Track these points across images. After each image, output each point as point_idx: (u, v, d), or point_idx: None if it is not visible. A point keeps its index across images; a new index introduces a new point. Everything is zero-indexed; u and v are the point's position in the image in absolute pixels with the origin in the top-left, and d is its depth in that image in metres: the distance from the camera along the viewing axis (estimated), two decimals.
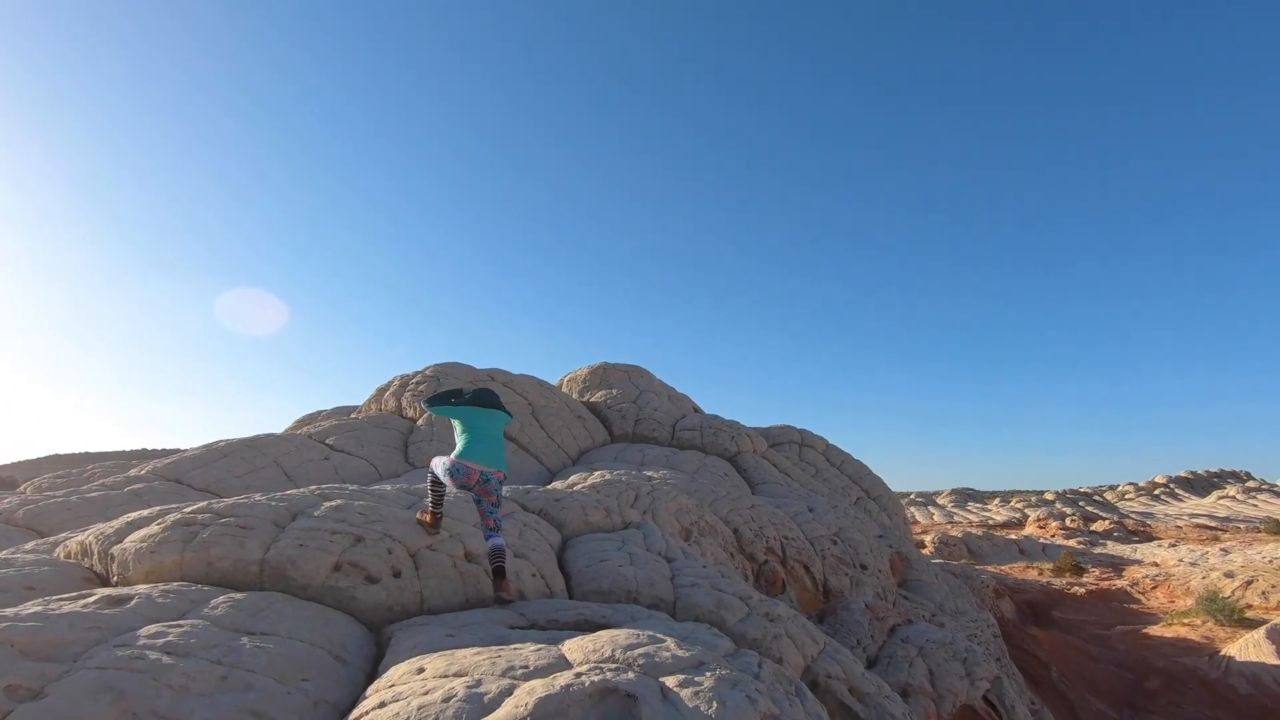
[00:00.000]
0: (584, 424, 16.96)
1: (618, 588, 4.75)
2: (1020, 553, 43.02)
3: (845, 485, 18.14)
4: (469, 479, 4.75)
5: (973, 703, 7.24)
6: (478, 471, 4.75)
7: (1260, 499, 73.29)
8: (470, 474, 4.73)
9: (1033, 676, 15.58)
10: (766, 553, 9.88)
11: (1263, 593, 24.92)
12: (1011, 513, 72.07)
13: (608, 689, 2.43)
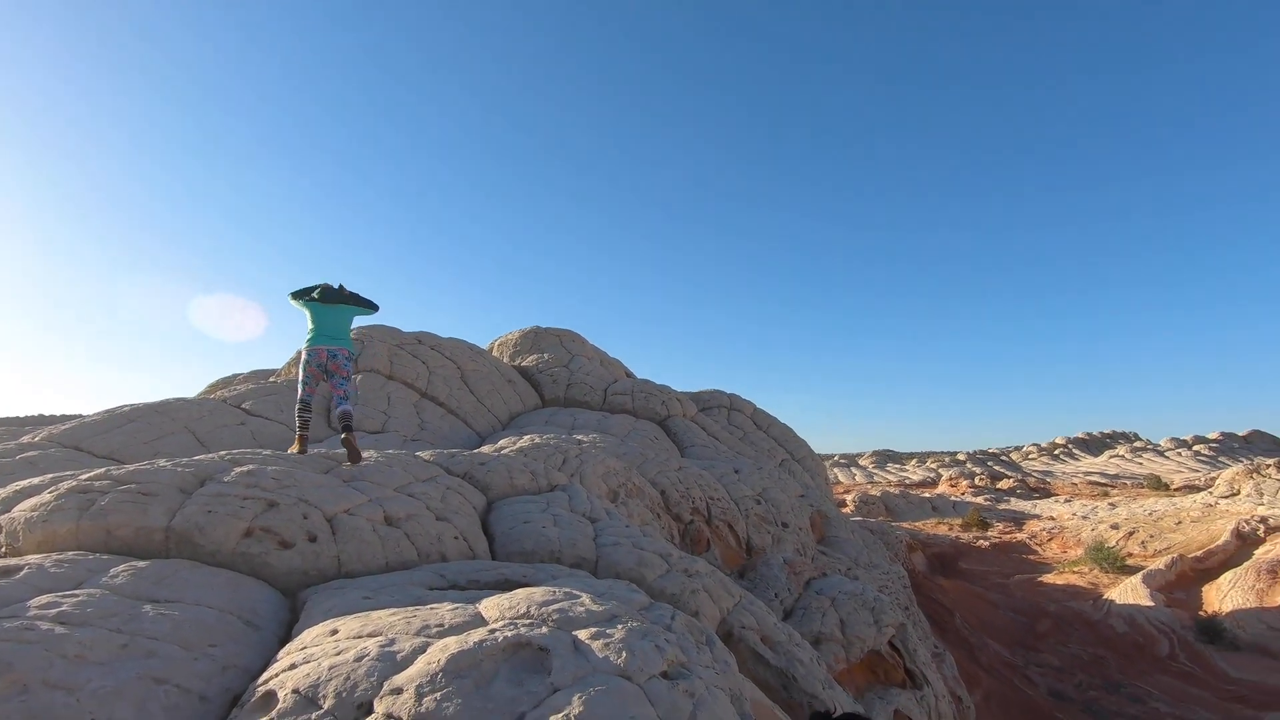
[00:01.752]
0: (514, 388, 16.84)
1: (541, 548, 4.82)
2: (933, 510, 45.66)
3: (771, 448, 18.74)
4: (319, 358, 6.08)
5: (879, 648, 7.73)
6: (325, 350, 6.09)
7: (1145, 458, 79.85)
8: (319, 354, 6.07)
9: (938, 622, 16.71)
10: (692, 513, 10.16)
11: (1142, 542, 27.33)
12: (927, 472, 76.15)
13: (521, 643, 2.50)
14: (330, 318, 6.27)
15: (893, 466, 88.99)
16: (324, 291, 6.29)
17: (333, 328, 6.26)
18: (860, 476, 79.76)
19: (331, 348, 6.16)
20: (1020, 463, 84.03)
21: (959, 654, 14.87)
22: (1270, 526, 24.58)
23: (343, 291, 6.39)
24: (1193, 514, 29.09)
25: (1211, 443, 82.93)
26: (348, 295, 6.39)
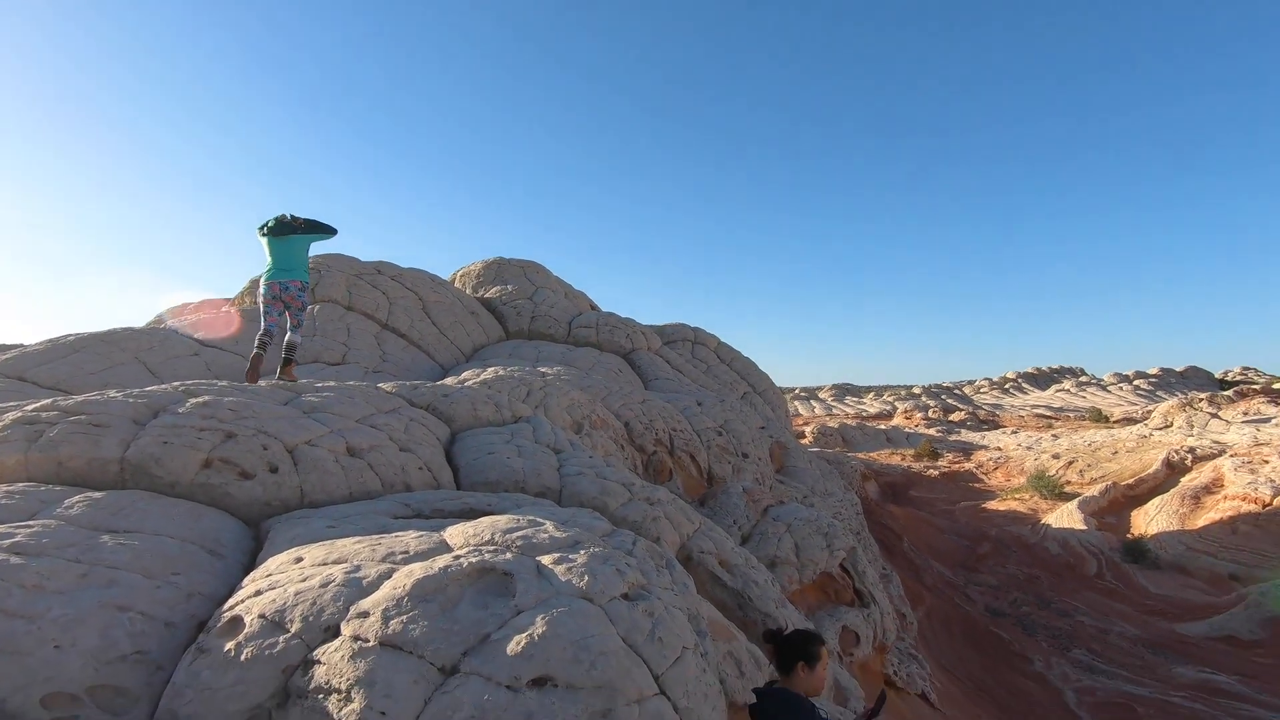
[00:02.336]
0: (478, 320, 16.66)
1: (505, 478, 4.89)
2: (888, 441, 47.35)
3: (734, 381, 19.05)
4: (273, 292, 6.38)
5: (830, 570, 8.14)
6: (278, 284, 6.36)
7: (1089, 392, 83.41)
8: (273, 288, 6.36)
9: (887, 546, 17.61)
10: (655, 444, 10.37)
11: (1080, 471, 28.87)
12: (884, 405, 78.54)
13: (485, 569, 2.56)
14: (283, 250, 6.41)
15: (851, 400, 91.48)
16: (276, 224, 6.39)
17: (286, 260, 6.41)
18: (820, 409, 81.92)
19: (284, 281, 6.38)
20: (972, 396, 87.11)
21: (905, 575, 15.76)
22: (1198, 456, 26.15)
23: (295, 221, 6.43)
24: (1128, 445, 30.73)
25: (1151, 378, 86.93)
26: (300, 224, 6.43)
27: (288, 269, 6.40)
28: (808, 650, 2.93)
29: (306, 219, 6.49)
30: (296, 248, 6.46)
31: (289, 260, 6.41)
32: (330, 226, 6.63)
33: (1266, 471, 21.62)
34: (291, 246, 6.42)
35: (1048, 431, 47.16)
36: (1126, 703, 11.39)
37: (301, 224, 6.43)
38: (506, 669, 2.08)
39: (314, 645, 2.21)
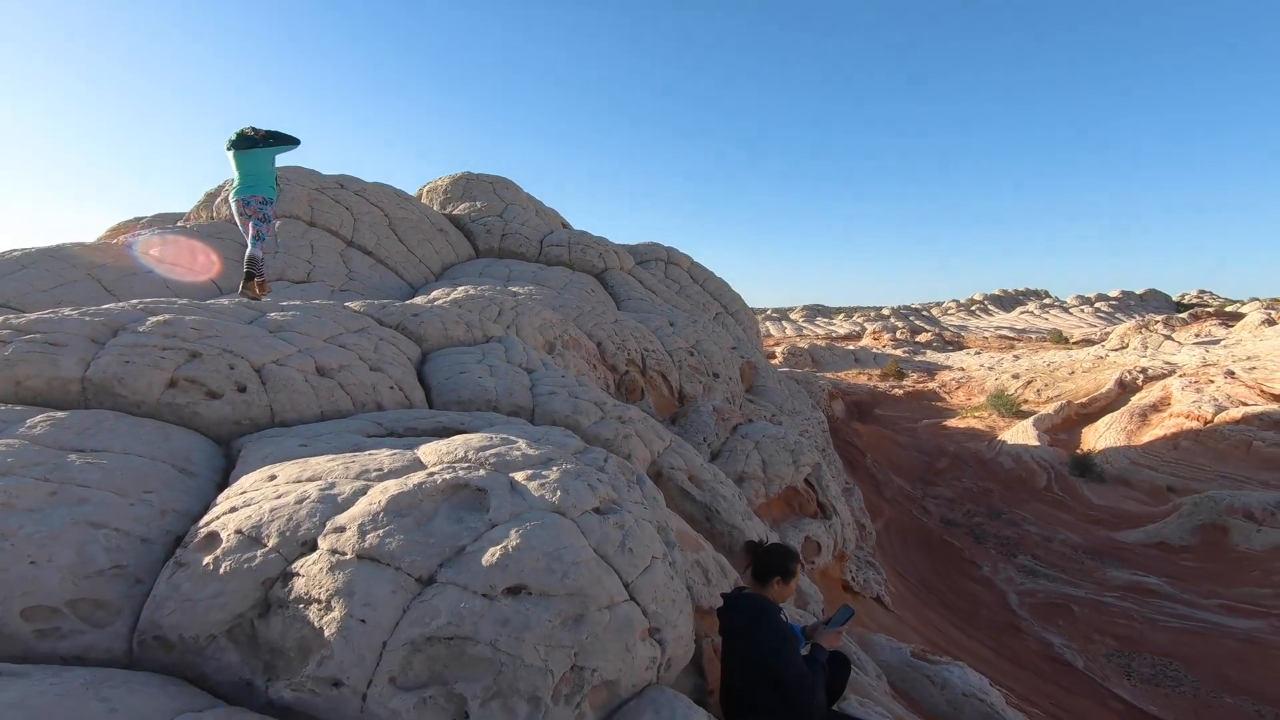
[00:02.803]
0: (446, 238, 16.27)
1: (478, 397, 4.92)
2: (855, 361, 48.29)
3: (706, 301, 19.07)
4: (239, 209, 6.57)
5: (796, 484, 8.45)
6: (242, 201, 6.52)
7: (1052, 314, 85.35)
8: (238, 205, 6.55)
9: (851, 462, 18.28)
10: (628, 364, 10.44)
11: (1037, 390, 29.89)
12: (853, 326, 79.59)
13: (459, 485, 2.62)
14: (247, 165, 6.50)
15: (822, 321, 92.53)
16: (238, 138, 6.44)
17: (251, 175, 6.53)
18: (791, 330, 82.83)
19: (247, 197, 6.52)
20: (940, 318, 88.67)
21: (867, 489, 16.44)
22: (1149, 376, 27.21)
23: (256, 133, 6.45)
24: (1085, 365, 31.80)
25: (1112, 300, 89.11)
26: (262, 135, 6.47)
27: (254, 184, 6.51)
28: (786, 566, 3.07)
29: (268, 130, 6.49)
30: (260, 161, 6.52)
31: (256, 175, 6.51)
32: (292, 137, 6.65)
33: (1211, 391, 22.65)
34: (256, 160, 6.48)
35: (1010, 352, 48.50)
36: (1064, 603, 12.27)
37: (263, 135, 6.44)
38: (482, 579, 2.16)
39: (292, 559, 2.26)
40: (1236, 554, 13.52)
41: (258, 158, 6.49)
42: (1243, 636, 10.66)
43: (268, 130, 6.48)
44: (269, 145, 6.50)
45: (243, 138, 6.41)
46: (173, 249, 11.35)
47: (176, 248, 11.44)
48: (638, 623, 2.36)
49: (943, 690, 5.39)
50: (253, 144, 6.41)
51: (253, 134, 6.42)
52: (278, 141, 6.55)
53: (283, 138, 6.59)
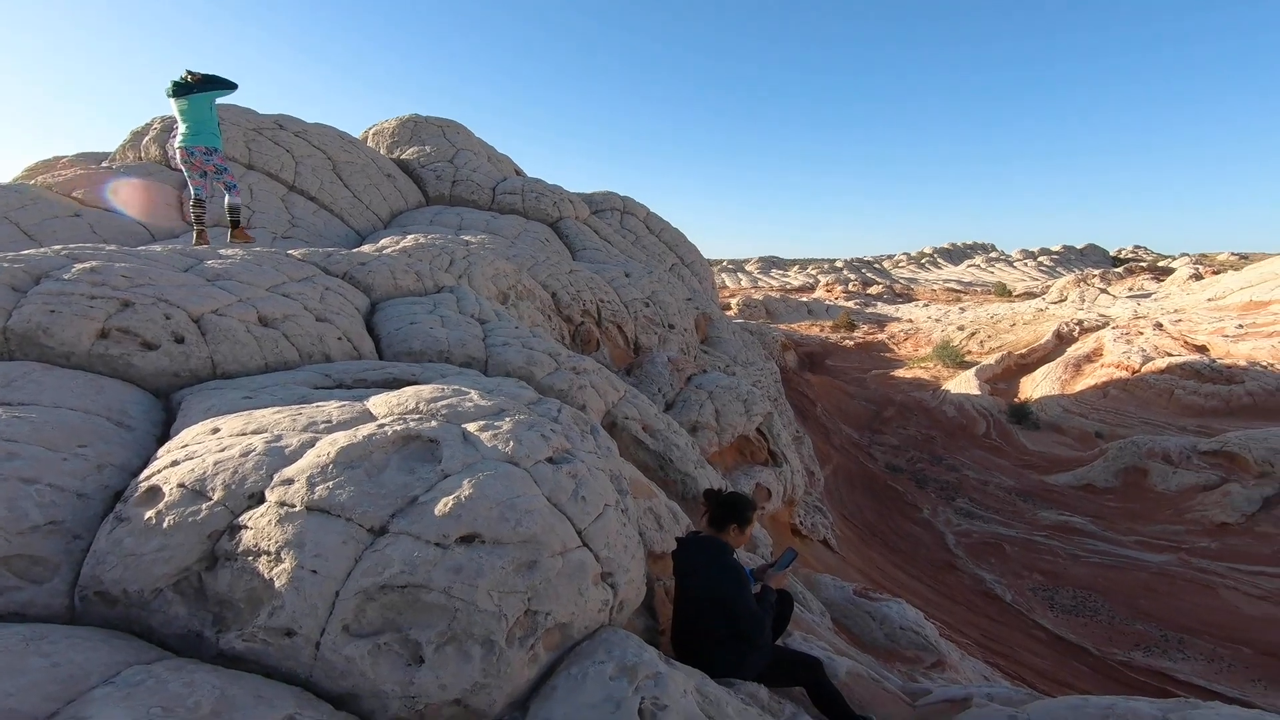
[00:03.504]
0: (394, 183, 15.70)
1: (429, 348, 4.84)
2: (809, 313, 49.06)
3: (662, 252, 19.00)
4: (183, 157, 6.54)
5: (748, 433, 8.65)
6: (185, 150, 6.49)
7: (998, 267, 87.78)
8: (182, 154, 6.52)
9: (802, 411, 18.75)
10: (583, 315, 10.40)
11: (980, 341, 30.93)
12: (807, 278, 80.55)
13: (410, 436, 2.60)
14: (186, 111, 6.47)
15: (776, 272, 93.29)
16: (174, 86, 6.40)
17: (192, 122, 6.50)
18: (746, 281, 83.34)
19: (191, 146, 6.52)
20: (891, 270, 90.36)
21: (817, 437, 16.94)
22: (1085, 328, 28.40)
23: (191, 78, 6.42)
24: (1025, 318, 32.97)
25: (1054, 254, 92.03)
26: (197, 79, 6.43)
27: (196, 132, 6.51)
28: (743, 514, 3.16)
29: (203, 74, 6.46)
30: (198, 107, 6.48)
31: (197, 122, 6.50)
32: (228, 80, 6.65)
33: (1140, 342, 23.81)
34: (194, 106, 6.46)
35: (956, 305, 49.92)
36: (997, 542, 13.01)
37: (198, 79, 6.41)
38: (435, 528, 2.17)
39: (238, 512, 2.22)
40: (1154, 494, 14.48)
41: (196, 103, 6.44)
42: (1155, 570, 11.51)
43: (203, 74, 6.44)
44: (205, 89, 6.46)
45: (179, 85, 6.38)
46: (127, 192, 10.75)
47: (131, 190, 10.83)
48: (590, 568, 2.41)
49: (882, 625, 5.70)
50: (188, 89, 6.36)
51: (189, 79, 6.38)
52: (213, 85, 6.50)
53: (218, 81, 6.53)
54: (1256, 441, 13.89)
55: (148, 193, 10.81)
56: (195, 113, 6.48)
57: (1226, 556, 11.64)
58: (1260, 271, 35.21)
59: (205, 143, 6.55)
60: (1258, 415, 18.04)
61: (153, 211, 10.49)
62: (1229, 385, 19.33)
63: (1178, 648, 9.30)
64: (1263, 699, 7.84)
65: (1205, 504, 13.37)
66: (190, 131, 6.51)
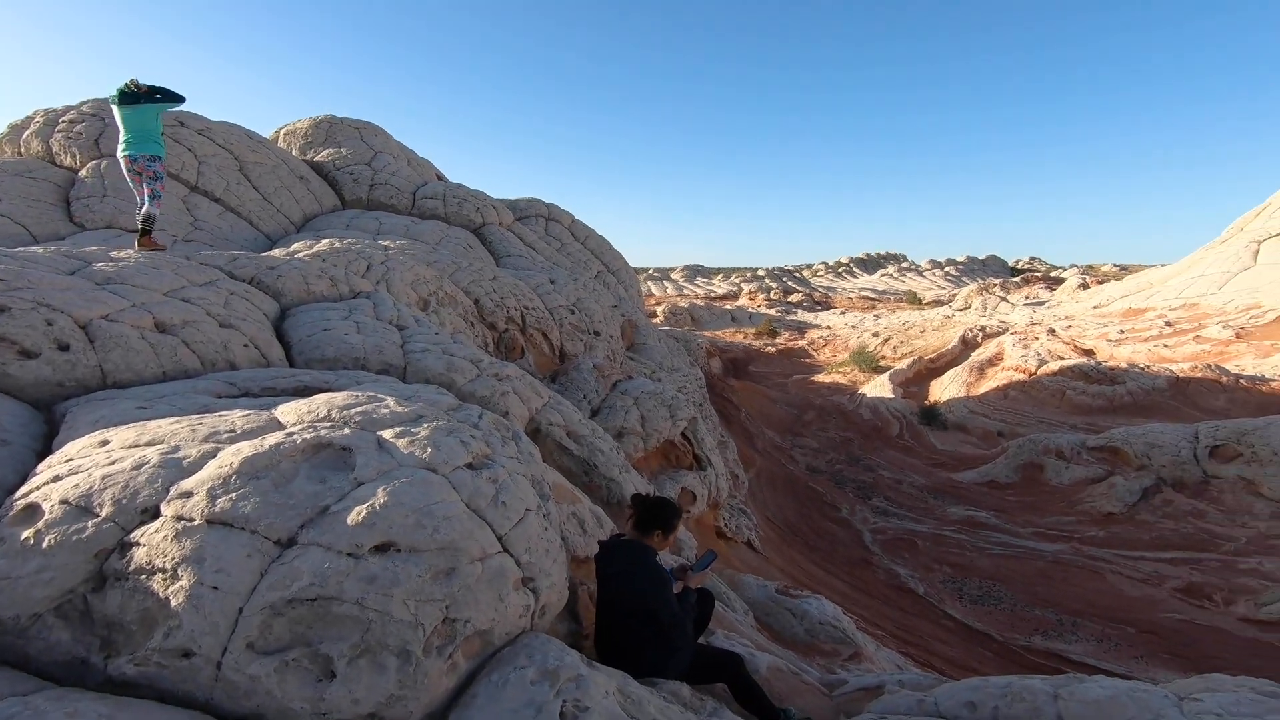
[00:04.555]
0: (308, 186, 15.09)
1: (344, 355, 4.68)
2: (733, 320, 50.08)
3: (588, 260, 19.00)
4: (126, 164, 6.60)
5: (673, 438, 8.75)
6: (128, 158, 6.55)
7: (909, 277, 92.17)
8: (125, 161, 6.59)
9: (727, 416, 19.10)
10: (507, 322, 10.28)
11: (894, 347, 32.36)
12: (731, 286, 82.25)
13: (322, 444, 2.51)
14: (132, 120, 6.50)
15: (701, 281, 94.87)
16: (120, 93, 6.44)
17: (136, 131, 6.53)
18: (671, 289, 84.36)
19: (135, 154, 6.54)
20: (810, 279, 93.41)
21: (741, 441, 17.29)
22: (987, 334, 30.17)
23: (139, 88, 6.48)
24: (934, 324, 34.74)
25: (960, 264, 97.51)
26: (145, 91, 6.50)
27: (140, 140, 6.54)
28: (669, 520, 3.19)
29: (151, 86, 6.55)
30: (145, 116, 6.55)
31: (141, 131, 6.54)
32: (178, 94, 6.73)
33: (1036, 347, 25.50)
34: (140, 116, 6.52)
35: (871, 312, 52.10)
36: (909, 537, 13.62)
37: (146, 91, 6.49)
38: (347, 538, 2.11)
39: (130, 528, 2.09)
40: (1049, 488, 15.51)
41: (142, 114, 6.51)
42: (1050, 559, 12.32)
43: (151, 86, 6.55)
44: (154, 101, 6.55)
45: (125, 93, 6.42)
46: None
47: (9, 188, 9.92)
48: (511, 573, 2.39)
49: (802, 620, 5.87)
50: (136, 99, 6.44)
51: (135, 89, 6.44)
52: (165, 98, 6.62)
53: (169, 94, 6.64)
54: (1136, 437, 15.10)
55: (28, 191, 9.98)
56: (141, 122, 6.54)
57: (1112, 544, 12.58)
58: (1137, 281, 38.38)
59: (150, 150, 6.60)
60: (1137, 412, 19.63)
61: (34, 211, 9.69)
62: (1112, 385, 20.96)
63: (1071, 630, 9.97)
64: (1142, 672, 8.51)
65: (1093, 495, 14.43)
66: (135, 139, 6.54)
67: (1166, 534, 12.40)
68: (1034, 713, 3.01)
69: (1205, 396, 19.64)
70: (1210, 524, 12.36)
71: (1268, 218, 33.83)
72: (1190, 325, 27.25)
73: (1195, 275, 33.33)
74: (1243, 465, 13.05)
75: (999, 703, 3.13)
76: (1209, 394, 19.68)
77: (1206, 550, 11.66)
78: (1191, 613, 10.07)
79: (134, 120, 6.52)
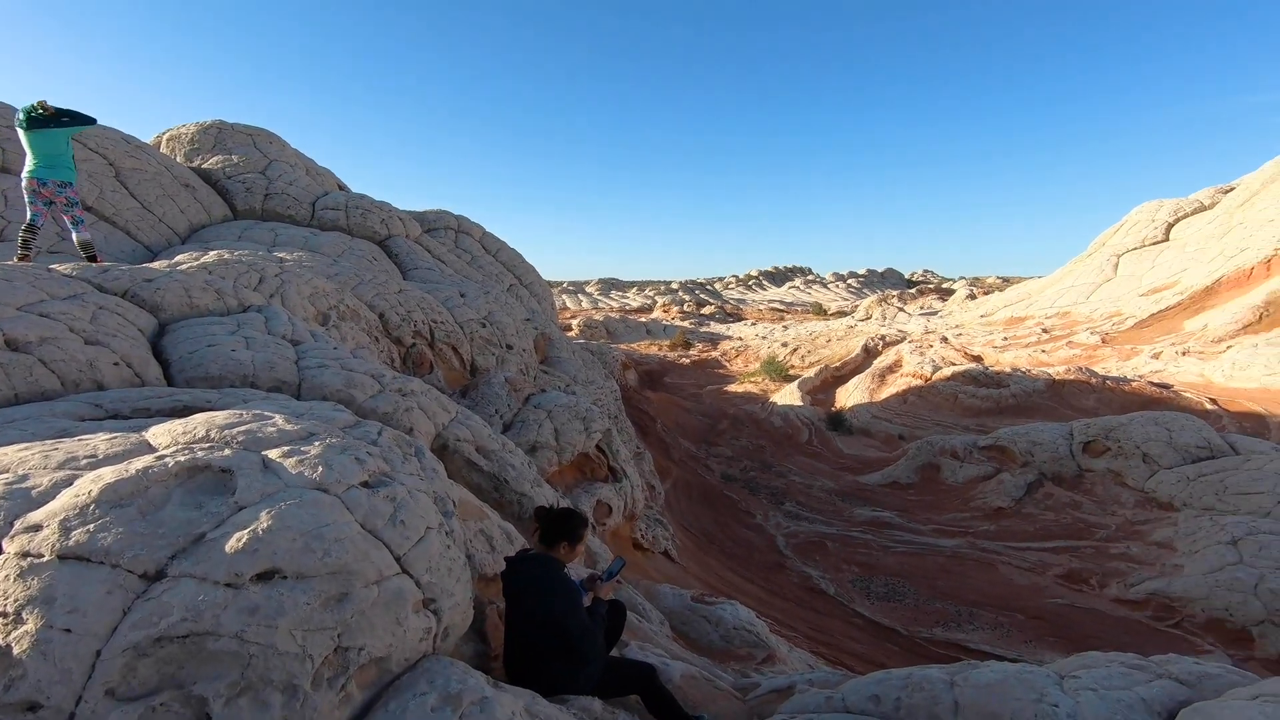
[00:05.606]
0: (195, 195, 14.12)
1: (231, 372, 4.38)
2: (647, 333, 50.54)
3: (500, 273, 18.70)
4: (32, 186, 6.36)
5: (588, 451, 8.69)
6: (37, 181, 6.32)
7: (814, 289, 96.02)
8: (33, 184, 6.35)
9: (642, 428, 19.18)
10: (414, 336, 9.95)
11: (802, 356, 33.52)
12: (645, 299, 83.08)
13: (197, 467, 2.32)
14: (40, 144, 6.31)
15: (616, 294, 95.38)
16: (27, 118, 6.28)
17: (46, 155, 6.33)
18: (586, 303, 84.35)
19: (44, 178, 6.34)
20: (722, 291, 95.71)
21: (657, 452, 17.40)
22: (887, 342, 31.75)
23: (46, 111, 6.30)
24: (839, 334, 36.28)
25: (861, 277, 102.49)
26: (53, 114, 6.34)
27: (50, 165, 6.35)
28: (573, 532, 3.13)
29: (59, 109, 6.37)
30: (55, 141, 6.37)
31: (50, 155, 6.35)
32: (88, 117, 6.62)
33: (930, 354, 27.07)
34: (50, 140, 6.33)
35: (780, 323, 53.88)
36: (820, 540, 14.07)
37: (54, 114, 6.33)
38: (225, 567, 1.95)
39: None
40: (946, 487, 16.42)
41: (53, 138, 6.34)
42: (949, 553, 13.02)
43: (60, 108, 6.37)
44: (63, 125, 6.40)
45: (34, 117, 6.26)
46: None
47: None
48: (410, 595, 2.28)
49: (717, 627, 5.93)
50: (45, 123, 6.29)
51: (44, 112, 6.28)
52: (73, 121, 6.48)
53: (79, 117, 6.51)
54: (1020, 436, 16.25)
55: None
56: (51, 146, 6.35)
57: (1002, 537, 13.45)
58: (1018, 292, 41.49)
59: (61, 177, 6.44)
60: (1020, 413, 21.14)
61: None
62: (998, 389, 22.49)
63: (969, 620, 10.55)
64: (1031, 655, 9.10)
65: (985, 492, 15.39)
66: (44, 164, 6.34)
67: (1049, 525, 13.37)
68: (933, 700, 3.15)
69: (1078, 397, 21.38)
70: (1085, 514, 13.42)
71: (1125, 233, 37.47)
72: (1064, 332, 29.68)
73: (1066, 286, 36.39)
74: (1110, 459, 14.27)
75: (901, 694, 3.25)
76: (1081, 394, 21.43)
77: (1083, 538, 12.64)
78: (1072, 597, 10.87)
79: (43, 145, 6.32)
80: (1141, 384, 21.08)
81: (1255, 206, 30.31)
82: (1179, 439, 13.74)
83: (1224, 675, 3.20)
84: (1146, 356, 24.27)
